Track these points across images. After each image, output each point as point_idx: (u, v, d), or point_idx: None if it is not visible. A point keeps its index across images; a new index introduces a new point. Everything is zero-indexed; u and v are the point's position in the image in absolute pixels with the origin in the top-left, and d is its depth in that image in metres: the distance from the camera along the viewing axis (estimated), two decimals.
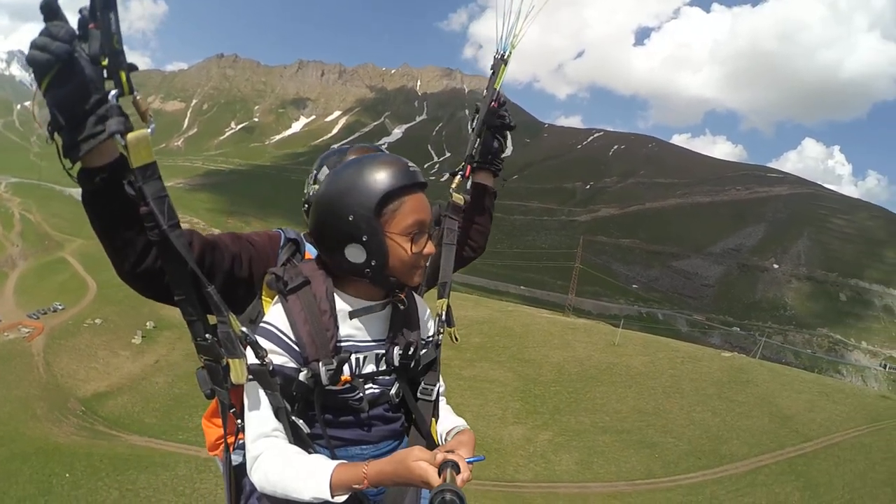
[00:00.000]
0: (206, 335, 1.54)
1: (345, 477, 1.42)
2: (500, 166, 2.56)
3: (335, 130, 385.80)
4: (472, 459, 1.43)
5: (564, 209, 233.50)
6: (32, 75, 1.23)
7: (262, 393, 1.58)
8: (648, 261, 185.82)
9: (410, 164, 1.69)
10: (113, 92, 1.28)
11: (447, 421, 1.93)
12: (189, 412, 29.06)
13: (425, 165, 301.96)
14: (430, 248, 1.71)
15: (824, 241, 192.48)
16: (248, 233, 1.94)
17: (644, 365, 41.52)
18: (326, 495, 1.41)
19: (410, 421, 1.90)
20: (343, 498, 1.43)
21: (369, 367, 1.75)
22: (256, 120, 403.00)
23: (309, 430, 1.65)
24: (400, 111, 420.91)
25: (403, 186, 1.62)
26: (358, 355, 1.72)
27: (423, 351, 1.89)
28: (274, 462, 1.52)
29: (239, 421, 1.71)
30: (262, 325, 1.65)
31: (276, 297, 1.70)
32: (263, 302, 1.79)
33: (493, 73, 2.43)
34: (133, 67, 1.30)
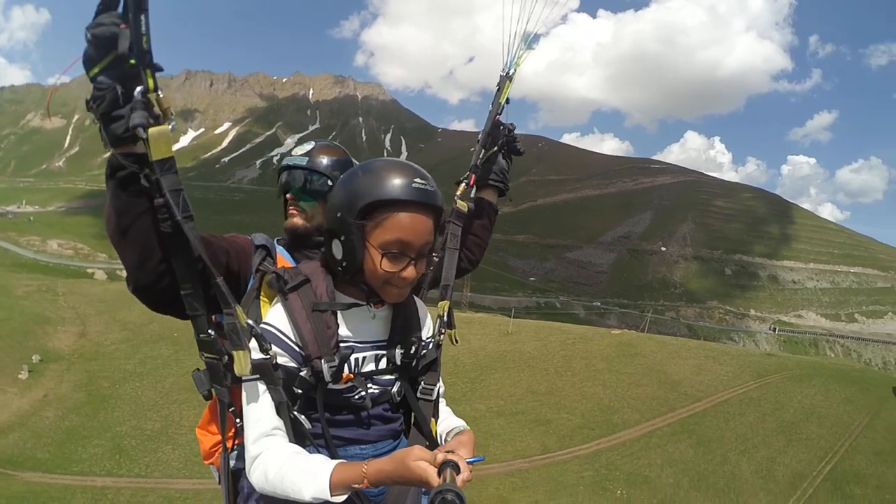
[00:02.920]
0: (210, 331, 1.55)
1: (344, 476, 1.39)
2: (509, 185, 2.67)
3: (225, 143, 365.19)
4: (472, 460, 1.41)
5: None
6: (92, 51, 1.33)
7: (262, 392, 1.57)
8: (543, 254, 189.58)
9: (420, 181, 1.59)
10: (139, 88, 1.35)
11: (447, 421, 1.92)
12: (82, 443, 27.29)
13: None
14: (409, 272, 1.63)
15: (708, 222, 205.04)
16: (226, 235, 1.95)
17: (536, 349, 40.84)
18: (326, 495, 1.39)
19: (409, 421, 1.89)
20: (342, 497, 1.41)
21: (369, 367, 1.74)
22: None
23: (310, 428, 1.63)
24: (292, 120, 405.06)
25: (396, 201, 1.55)
26: (357, 355, 1.71)
27: (424, 351, 1.88)
28: (273, 461, 1.49)
29: (238, 420, 1.71)
30: (261, 325, 1.63)
31: (276, 297, 1.70)
32: (261, 303, 1.80)
33: (498, 89, 2.58)
34: (159, 68, 1.37)
